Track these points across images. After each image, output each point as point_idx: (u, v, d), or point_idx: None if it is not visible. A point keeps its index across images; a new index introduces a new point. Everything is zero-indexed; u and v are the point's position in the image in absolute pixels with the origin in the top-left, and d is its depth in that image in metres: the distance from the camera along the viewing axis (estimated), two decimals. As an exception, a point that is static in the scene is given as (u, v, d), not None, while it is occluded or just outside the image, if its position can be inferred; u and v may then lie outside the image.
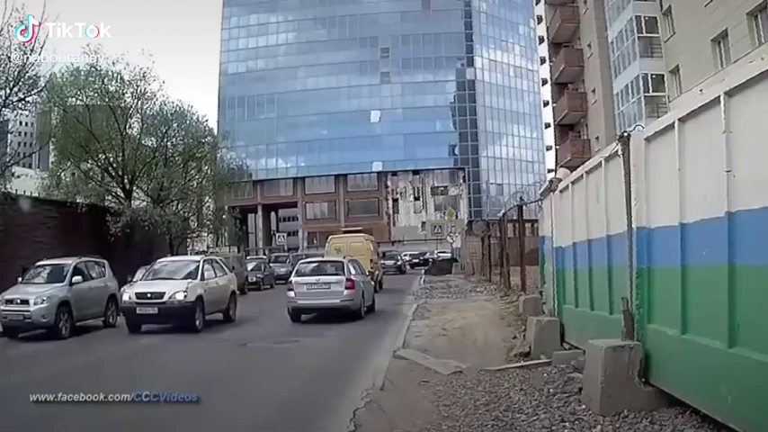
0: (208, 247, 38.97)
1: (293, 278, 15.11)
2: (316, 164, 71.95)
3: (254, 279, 27.40)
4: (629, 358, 5.30)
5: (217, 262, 15.82)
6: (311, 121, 72.79)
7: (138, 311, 13.12)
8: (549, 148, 67.31)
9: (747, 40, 21.24)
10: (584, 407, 5.51)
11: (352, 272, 15.01)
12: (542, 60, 63.72)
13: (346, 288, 14.35)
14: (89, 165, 26.98)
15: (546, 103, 62.38)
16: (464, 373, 7.48)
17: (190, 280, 13.67)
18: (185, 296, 13.12)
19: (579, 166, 8.11)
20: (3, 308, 12.89)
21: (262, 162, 71.22)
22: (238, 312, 15.29)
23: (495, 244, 22.70)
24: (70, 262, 14.24)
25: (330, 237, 26.09)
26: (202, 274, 14.08)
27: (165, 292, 13.11)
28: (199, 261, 14.80)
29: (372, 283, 18.32)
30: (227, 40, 76.65)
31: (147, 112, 28.08)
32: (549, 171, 57.79)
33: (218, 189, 32.23)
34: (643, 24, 29.56)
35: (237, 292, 16.44)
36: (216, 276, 14.79)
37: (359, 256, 18.88)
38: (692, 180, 4.78)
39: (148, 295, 13.19)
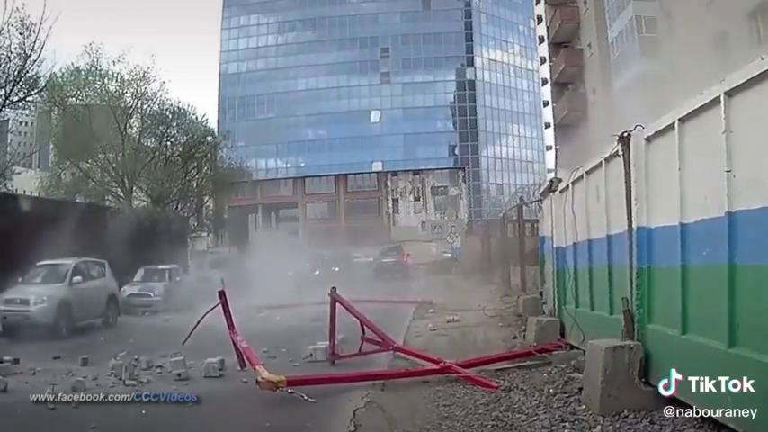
0: (207, 247, 38.94)
1: None
2: (315, 164, 71.79)
3: (254, 279, 27.35)
4: (629, 358, 5.30)
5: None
6: (311, 121, 72.69)
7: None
8: (549, 148, 67.27)
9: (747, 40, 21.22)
10: (584, 407, 5.51)
11: None
12: (542, 60, 63.57)
13: None
14: (89, 164, 26.99)
15: (546, 103, 62.31)
16: (464, 373, 7.45)
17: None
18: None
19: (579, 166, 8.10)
20: (3, 307, 12.89)
21: (262, 162, 71.09)
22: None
23: (496, 244, 22.67)
24: (70, 262, 14.22)
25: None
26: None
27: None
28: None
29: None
30: (227, 41, 76.46)
31: (147, 112, 28.13)
32: (549, 171, 57.73)
33: (218, 189, 32.25)
34: (643, 24, 29.63)
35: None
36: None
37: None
38: (692, 180, 4.77)
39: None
